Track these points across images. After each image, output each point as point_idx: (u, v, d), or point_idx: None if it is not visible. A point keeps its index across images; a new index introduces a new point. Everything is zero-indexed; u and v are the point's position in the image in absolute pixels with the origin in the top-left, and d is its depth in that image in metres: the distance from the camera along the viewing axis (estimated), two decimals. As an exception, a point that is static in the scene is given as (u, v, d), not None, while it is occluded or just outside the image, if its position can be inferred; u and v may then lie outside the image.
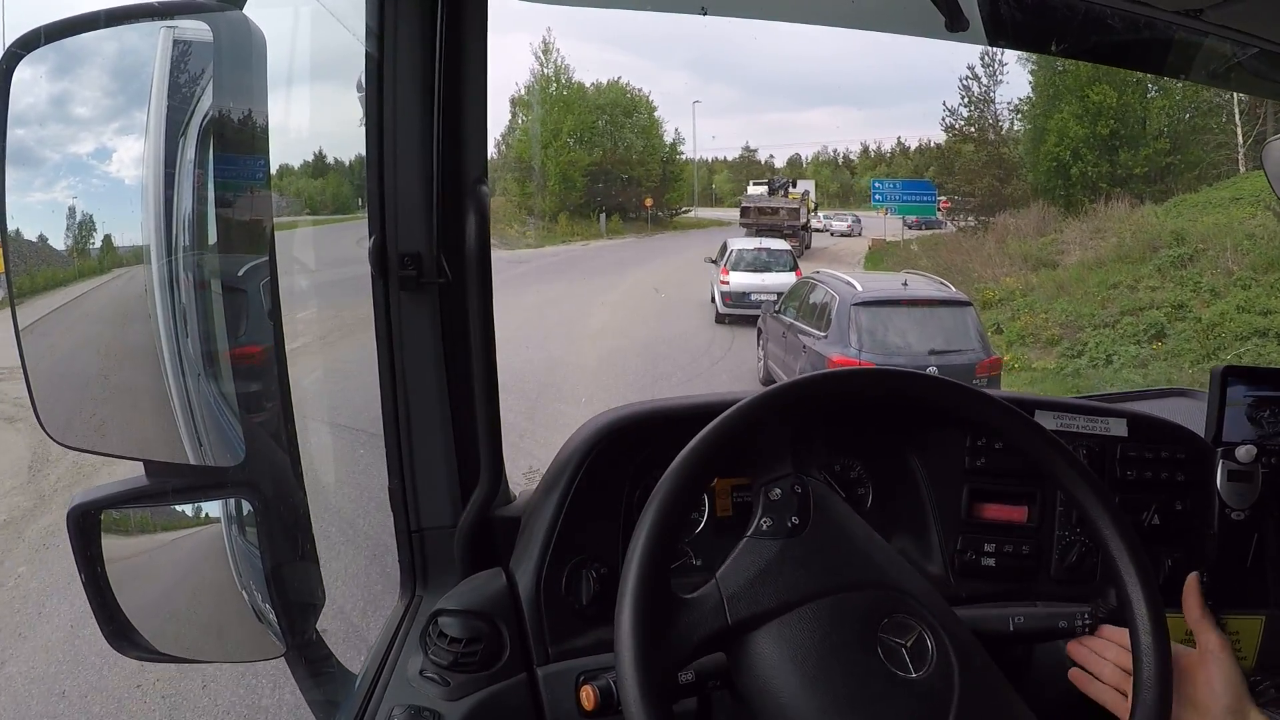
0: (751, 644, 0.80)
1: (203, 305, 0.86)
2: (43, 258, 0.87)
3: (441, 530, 1.14)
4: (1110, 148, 18.50)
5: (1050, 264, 14.25)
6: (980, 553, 1.16)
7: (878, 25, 1.21)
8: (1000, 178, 20.40)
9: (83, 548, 0.86)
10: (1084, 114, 18.45)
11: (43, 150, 0.86)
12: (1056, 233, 15.80)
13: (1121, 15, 1.06)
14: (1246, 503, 1.22)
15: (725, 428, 0.83)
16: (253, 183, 0.84)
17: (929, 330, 6.71)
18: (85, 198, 0.85)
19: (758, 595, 0.80)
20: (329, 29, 1.09)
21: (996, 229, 17.73)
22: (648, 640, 0.74)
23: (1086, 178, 18.43)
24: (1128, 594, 0.85)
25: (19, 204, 0.81)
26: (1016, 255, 15.17)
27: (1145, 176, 17.95)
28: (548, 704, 1.03)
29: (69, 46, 0.82)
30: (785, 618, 0.80)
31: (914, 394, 0.92)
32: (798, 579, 0.82)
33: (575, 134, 28.67)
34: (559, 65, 29.06)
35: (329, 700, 1.05)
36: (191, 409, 0.87)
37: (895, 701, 0.78)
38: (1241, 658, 1.24)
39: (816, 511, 0.85)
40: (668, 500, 0.79)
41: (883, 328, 6.65)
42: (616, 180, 28.69)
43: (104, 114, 0.87)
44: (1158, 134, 18.31)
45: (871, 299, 6.86)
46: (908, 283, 7.75)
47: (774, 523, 0.84)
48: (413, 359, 1.09)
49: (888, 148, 37.84)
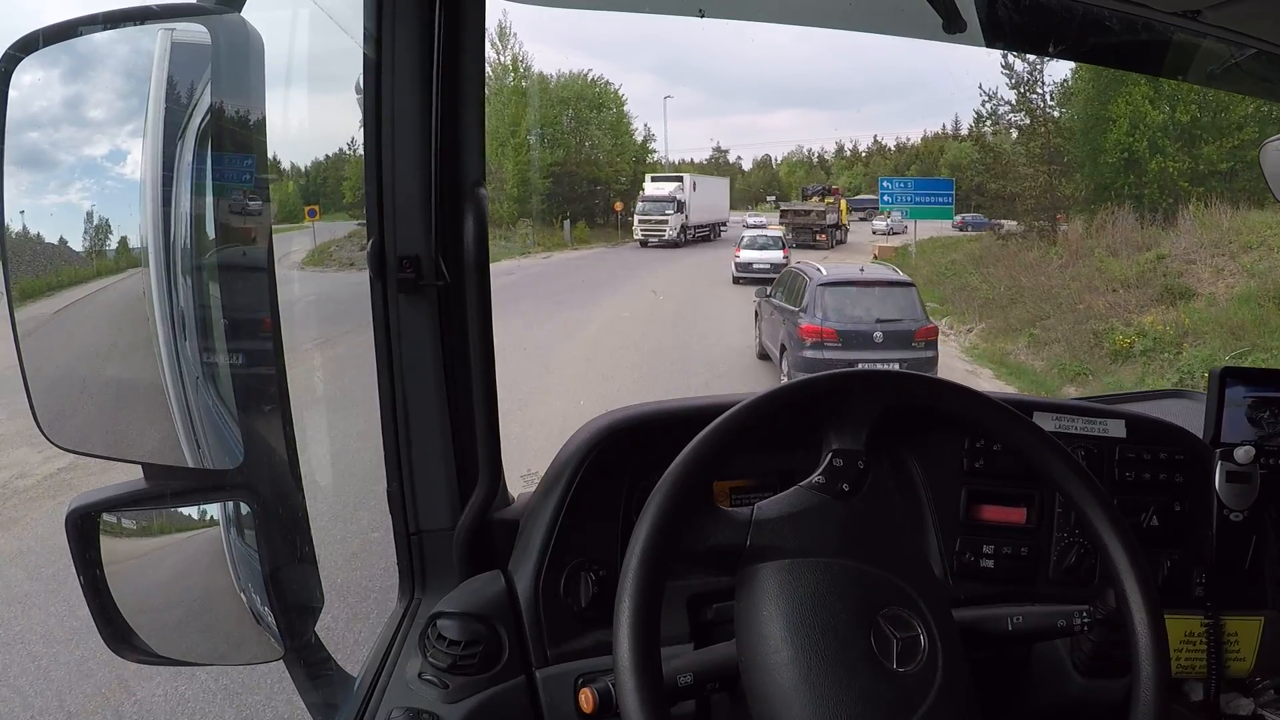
0: (757, 573, 0.82)
1: (201, 307, 0.86)
2: (43, 259, 0.87)
3: (440, 533, 1.14)
4: (1191, 138, 14.93)
5: (1185, 292, 10.75)
6: (979, 554, 1.16)
7: (875, 27, 1.21)
8: (1057, 174, 16.97)
9: (81, 550, 0.86)
10: (1158, 96, 14.93)
11: (41, 151, 0.86)
12: (1154, 246, 12.40)
13: (1120, 16, 1.06)
14: (1245, 504, 1.22)
15: (724, 429, 0.84)
16: (250, 185, 0.84)
17: (879, 304, 8.19)
18: (83, 200, 0.85)
19: (783, 532, 0.83)
20: (327, 32, 1.09)
21: (1066, 240, 14.68)
22: (647, 642, 0.74)
23: (1166, 174, 14.96)
24: (1126, 595, 0.85)
25: (19, 205, 0.81)
26: (1119, 278, 11.76)
27: (1225, 173, 14.32)
28: (546, 706, 1.03)
29: (68, 49, 0.83)
30: (798, 562, 0.82)
31: (913, 395, 0.92)
32: (825, 534, 0.84)
33: (536, 130, 25.56)
34: (516, 54, 25.76)
35: (328, 703, 1.04)
36: (190, 411, 0.87)
37: (867, 680, 0.78)
38: (1240, 659, 1.24)
39: (869, 489, 0.88)
40: (666, 502, 0.79)
41: (842, 303, 8.16)
42: (582, 182, 26.08)
43: (102, 116, 0.87)
44: (1240, 122, 14.40)
45: (834, 280, 8.51)
46: (864, 269, 9.92)
47: (826, 481, 0.87)
48: (411, 361, 1.09)
49: (864, 147, 37.94)
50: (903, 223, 20.84)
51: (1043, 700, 1.18)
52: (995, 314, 12.66)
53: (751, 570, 0.83)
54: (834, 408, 0.89)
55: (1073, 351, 10.50)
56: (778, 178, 38.83)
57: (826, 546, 0.83)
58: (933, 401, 0.93)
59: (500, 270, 16.65)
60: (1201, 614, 1.23)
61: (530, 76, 26.26)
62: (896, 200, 18.86)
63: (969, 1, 1.05)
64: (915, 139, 35.06)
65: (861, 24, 1.20)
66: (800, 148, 39.92)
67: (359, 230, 11.51)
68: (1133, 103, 15.06)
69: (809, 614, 0.80)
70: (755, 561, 0.82)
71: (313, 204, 13.83)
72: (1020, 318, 12.08)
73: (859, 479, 0.87)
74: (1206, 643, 1.23)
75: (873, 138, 38.92)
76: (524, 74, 26.12)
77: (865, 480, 0.88)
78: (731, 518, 0.83)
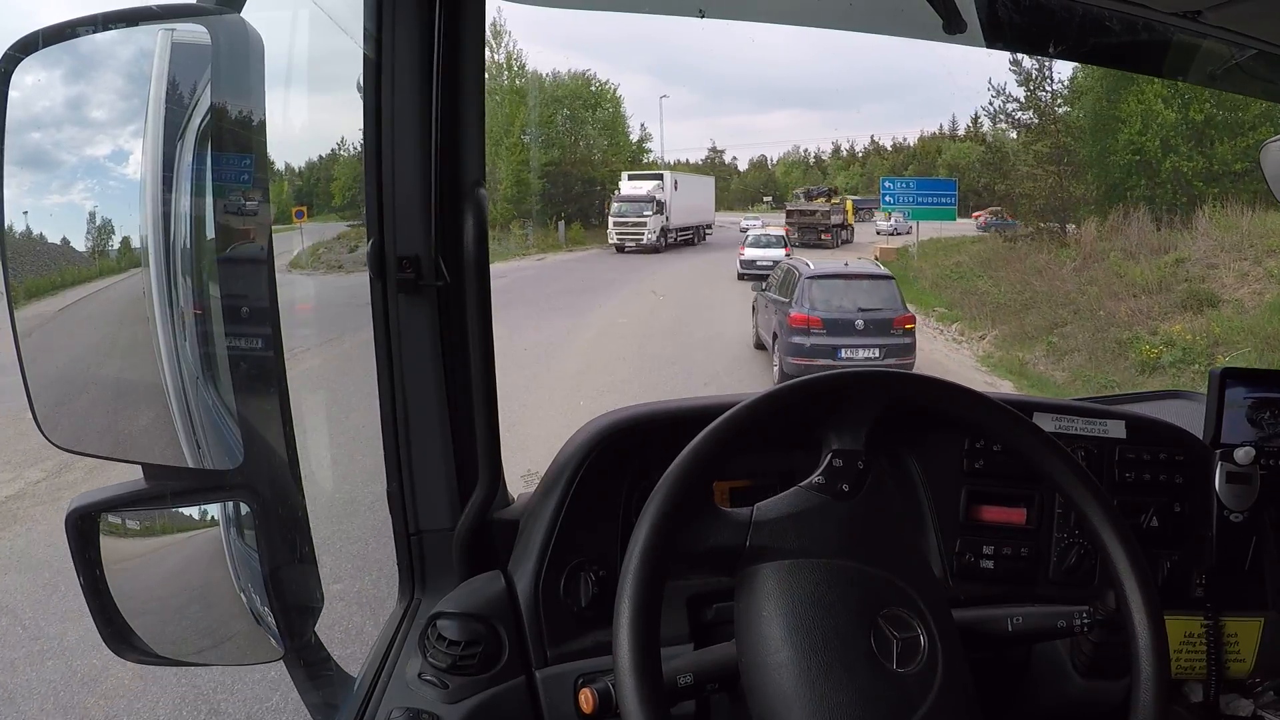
0: (757, 574, 0.82)
1: (201, 308, 0.86)
2: (45, 259, 0.87)
3: (440, 533, 1.14)
4: (1205, 138, 14.35)
5: (1210, 299, 10.34)
6: (979, 555, 1.16)
7: (876, 27, 1.21)
8: (1067, 174, 16.27)
9: (81, 550, 0.86)
10: (1171, 94, 14.31)
11: (42, 152, 0.86)
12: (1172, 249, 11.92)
13: (1120, 17, 1.06)
14: (1245, 505, 1.22)
15: (724, 430, 0.84)
16: (250, 185, 0.84)
17: (860, 295, 8.92)
18: (84, 200, 0.85)
19: (783, 532, 0.83)
20: (327, 32, 1.09)
21: (1078, 242, 14.04)
22: (647, 643, 0.74)
23: (1180, 175, 14.35)
24: (1126, 596, 0.85)
25: (20, 205, 0.81)
26: (1139, 283, 11.31)
27: (1240, 173, 13.57)
28: (546, 706, 1.03)
29: (68, 50, 0.83)
30: (798, 562, 0.82)
31: (911, 396, 0.92)
32: (825, 534, 0.84)
33: (533, 130, 25.07)
34: (511, 52, 25.24)
35: (328, 703, 1.05)
36: (190, 411, 0.87)
37: (867, 681, 0.78)
38: (1240, 660, 1.24)
39: (869, 489, 0.87)
40: (666, 502, 0.79)
41: (828, 294, 8.91)
42: (577, 183, 25.29)
43: (102, 116, 0.87)
44: (1255, 121, 13.64)
45: (820, 274, 9.31)
46: (848, 264, 11.01)
47: (826, 482, 0.87)
48: (411, 361, 1.09)
49: (861, 147, 37.77)
50: (906, 223, 20.16)
51: (1043, 701, 1.18)
52: (1009, 319, 12.27)
53: (751, 571, 0.83)
54: (834, 408, 0.89)
55: (1096, 362, 10.27)
56: (774, 178, 38.57)
57: (826, 547, 0.83)
58: (932, 402, 0.92)
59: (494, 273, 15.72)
60: (1201, 615, 1.23)
61: (526, 75, 25.82)
62: (898, 201, 18.41)
63: (969, 2, 1.05)
64: (912, 139, 34.95)
65: (861, 24, 1.20)
66: (797, 148, 39.80)
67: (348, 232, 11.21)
68: (1144, 101, 14.56)
69: (809, 614, 0.80)
70: (755, 562, 0.82)
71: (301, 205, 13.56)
72: (1036, 324, 11.79)
73: (859, 479, 0.87)
74: (1206, 644, 1.23)
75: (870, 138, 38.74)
76: (518, 73, 25.77)
77: (865, 480, 0.88)
78: (731, 518, 0.83)
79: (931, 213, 17.70)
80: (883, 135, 37.65)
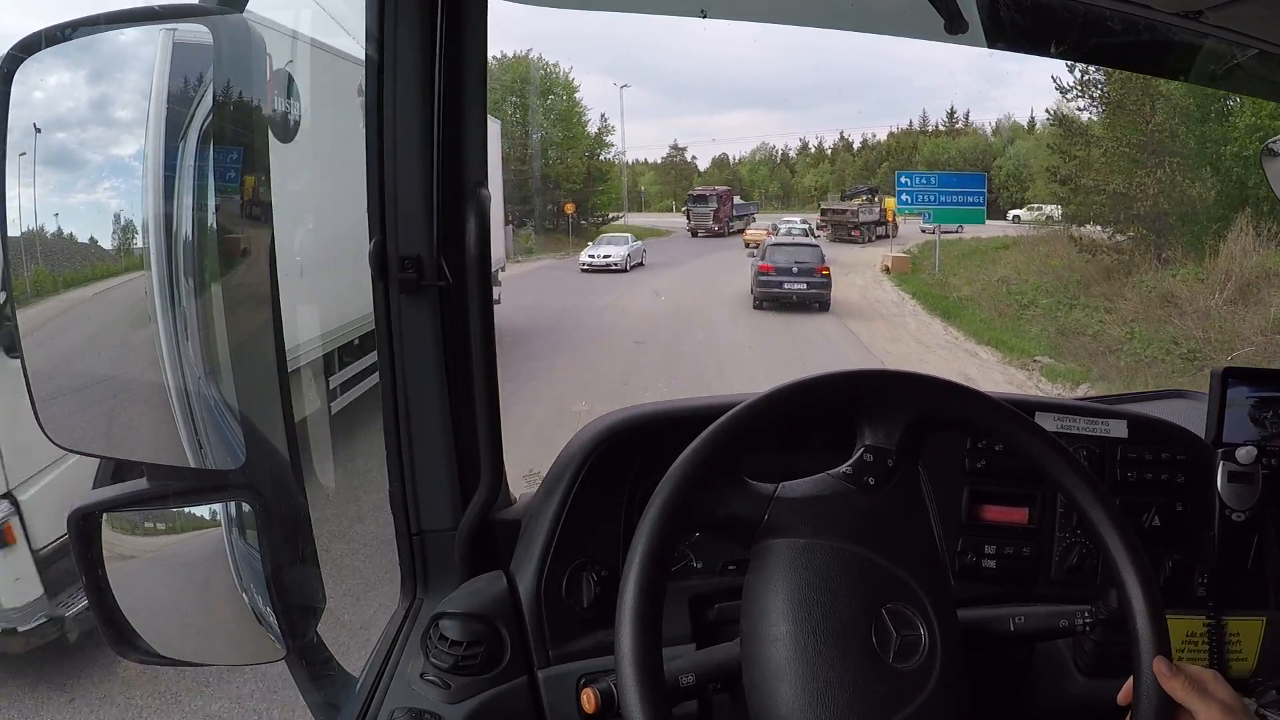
0: (771, 548, 0.82)
1: (202, 308, 0.86)
2: (46, 259, 0.87)
3: (442, 533, 1.14)
4: None
5: None
6: (981, 555, 1.16)
7: (876, 27, 1.21)
8: (1175, 167, 12.13)
9: (83, 550, 0.86)
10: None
11: (43, 152, 0.86)
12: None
13: (1121, 17, 1.06)
14: (1247, 504, 1.22)
15: (726, 430, 0.83)
16: (252, 186, 0.84)
17: (798, 254, 14.08)
18: (85, 200, 0.85)
19: (802, 512, 0.83)
20: (328, 32, 1.09)
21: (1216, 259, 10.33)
22: (649, 643, 0.74)
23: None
24: (1128, 596, 0.84)
25: (22, 205, 0.81)
26: None
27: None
28: (548, 707, 1.03)
29: (70, 50, 0.83)
30: (813, 543, 0.82)
31: (911, 396, 0.92)
32: (843, 520, 0.84)
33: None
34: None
35: (330, 703, 1.05)
36: (192, 411, 0.87)
37: (860, 669, 0.78)
38: (1242, 659, 1.24)
39: (895, 486, 0.88)
40: (668, 503, 0.79)
41: (779, 253, 14.09)
42: (527, 181, 22.01)
43: (103, 116, 0.87)
44: None
45: (776, 242, 15.59)
46: (793, 234, 19.86)
47: (854, 473, 0.87)
48: (413, 362, 1.09)
49: (830, 144, 36.92)
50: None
51: (1045, 700, 1.18)
52: (1154, 372, 8.63)
53: (766, 545, 0.83)
54: (872, 404, 0.90)
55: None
56: (739, 177, 37.46)
57: (843, 532, 0.83)
58: (931, 401, 0.92)
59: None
60: (1203, 614, 1.23)
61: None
62: (916, 200, 15.31)
63: (970, 2, 1.05)
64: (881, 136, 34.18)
65: (862, 24, 1.20)
66: (764, 144, 38.63)
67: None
68: (1254, 106, 10.90)
69: (815, 593, 0.80)
70: (771, 536, 0.83)
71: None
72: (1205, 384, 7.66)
73: (886, 476, 0.87)
74: (1208, 643, 1.23)
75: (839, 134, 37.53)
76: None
77: (892, 478, 0.88)
78: (754, 490, 0.84)
79: (957, 214, 15.09)
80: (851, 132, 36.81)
